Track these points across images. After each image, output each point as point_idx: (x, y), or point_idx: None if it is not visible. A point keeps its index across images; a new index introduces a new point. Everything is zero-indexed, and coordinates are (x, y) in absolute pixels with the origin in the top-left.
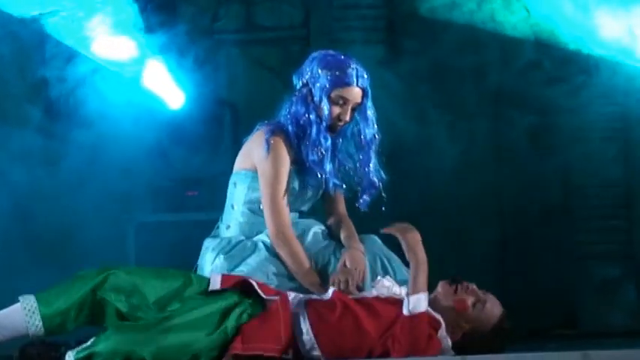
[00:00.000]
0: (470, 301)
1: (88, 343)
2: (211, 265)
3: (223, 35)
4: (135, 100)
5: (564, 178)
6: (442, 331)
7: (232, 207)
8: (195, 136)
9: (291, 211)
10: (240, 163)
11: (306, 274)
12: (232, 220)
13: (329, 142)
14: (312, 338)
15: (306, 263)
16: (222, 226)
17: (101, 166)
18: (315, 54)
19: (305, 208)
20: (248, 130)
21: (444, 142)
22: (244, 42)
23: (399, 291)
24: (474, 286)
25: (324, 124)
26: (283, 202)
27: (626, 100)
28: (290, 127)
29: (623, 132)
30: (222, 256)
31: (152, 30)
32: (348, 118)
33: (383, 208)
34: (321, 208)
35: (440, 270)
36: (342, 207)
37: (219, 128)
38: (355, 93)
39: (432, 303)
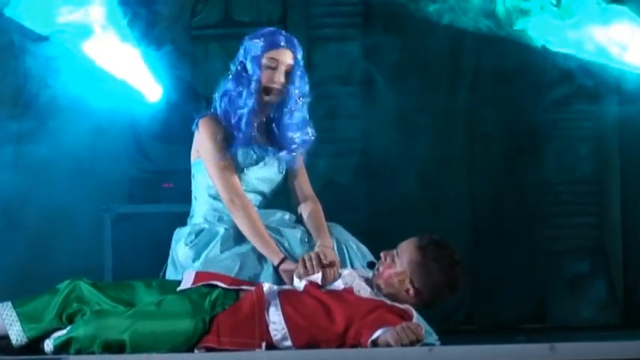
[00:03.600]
0: (388, 260)
1: (65, 330)
2: (179, 254)
3: (201, 30)
4: (113, 93)
5: (537, 174)
6: (415, 320)
7: (195, 198)
8: (171, 129)
9: (250, 192)
10: (192, 154)
11: (262, 239)
12: (196, 209)
13: (252, 102)
14: (285, 328)
15: (263, 230)
16: (189, 220)
17: (79, 158)
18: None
19: (265, 188)
20: None
21: (418, 138)
22: (222, 37)
23: (364, 291)
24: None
25: (252, 87)
26: (228, 169)
27: (600, 99)
28: (221, 105)
29: (596, 130)
30: (187, 247)
31: (131, 24)
32: (282, 79)
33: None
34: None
35: None
36: (307, 187)
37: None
38: (286, 54)
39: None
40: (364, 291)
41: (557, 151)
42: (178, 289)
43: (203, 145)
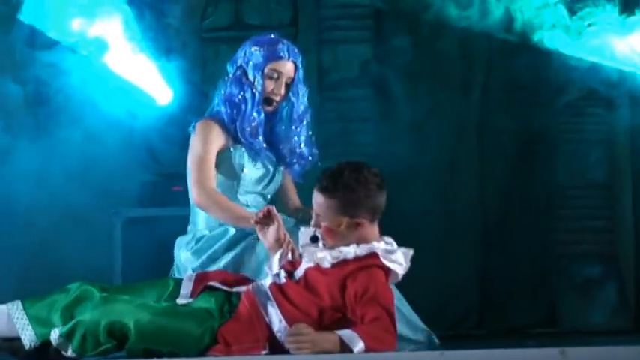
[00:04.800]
0: (321, 225)
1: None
2: (182, 259)
3: (212, 33)
4: (123, 96)
5: (548, 178)
6: (382, 259)
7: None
8: (181, 132)
9: (250, 193)
10: (188, 160)
11: (238, 216)
12: (196, 215)
13: (262, 115)
14: (287, 327)
15: (236, 207)
16: (190, 227)
17: (88, 162)
18: (246, 41)
19: (267, 191)
20: None
21: (429, 141)
22: (232, 40)
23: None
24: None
25: (257, 98)
26: (207, 167)
27: (612, 103)
28: (224, 109)
29: (608, 134)
30: (188, 253)
31: (141, 26)
32: (282, 91)
33: None
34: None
35: (422, 265)
36: (295, 197)
37: None
38: (288, 66)
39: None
40: (326, 262)
41: (568, 155)
42: (179, 300)
43: (194, 146)
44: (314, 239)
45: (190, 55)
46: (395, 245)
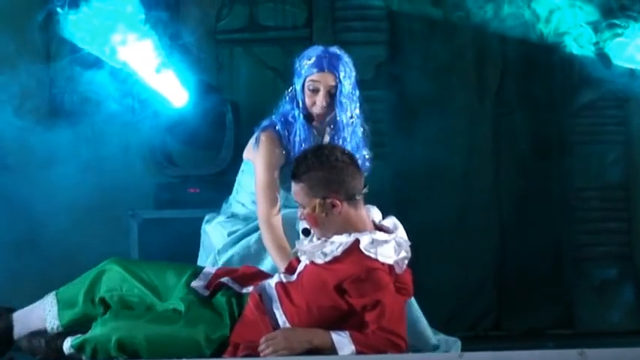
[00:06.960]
0: (303, 214)
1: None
2: (211, 233)
3: (226, 35)
4: (138, 99)
5: (564, 180)
6: (364, 250)
7: (237, 192)
8: (197, 134)
9: (292, 207)
10: (245, 152)
11: (284, 260)
12: (236, 204)
13: (308, 132)
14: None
15: (288, 250)
16: (225, 206)
17: (105, 163)
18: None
19: None
20: (249, 129)
21: (443, 144)
22: (247, 42)
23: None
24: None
25: (301, 115)
26: (272, 191)
27: (629, 103)
28: (279, 126)
29: (624, 135)
30: (222, 217)
31: (156, 28)
32: (324, 103)
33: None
34: None
35: (440, 267)
36: None
37: (222, 126)
38: (325, 77)
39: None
40: (318, 258)
41: (585, 157)
42: (194, 283)
43: (258, 160)
44: (306, 232)
45: (205, 56)
46: (398, 227)
